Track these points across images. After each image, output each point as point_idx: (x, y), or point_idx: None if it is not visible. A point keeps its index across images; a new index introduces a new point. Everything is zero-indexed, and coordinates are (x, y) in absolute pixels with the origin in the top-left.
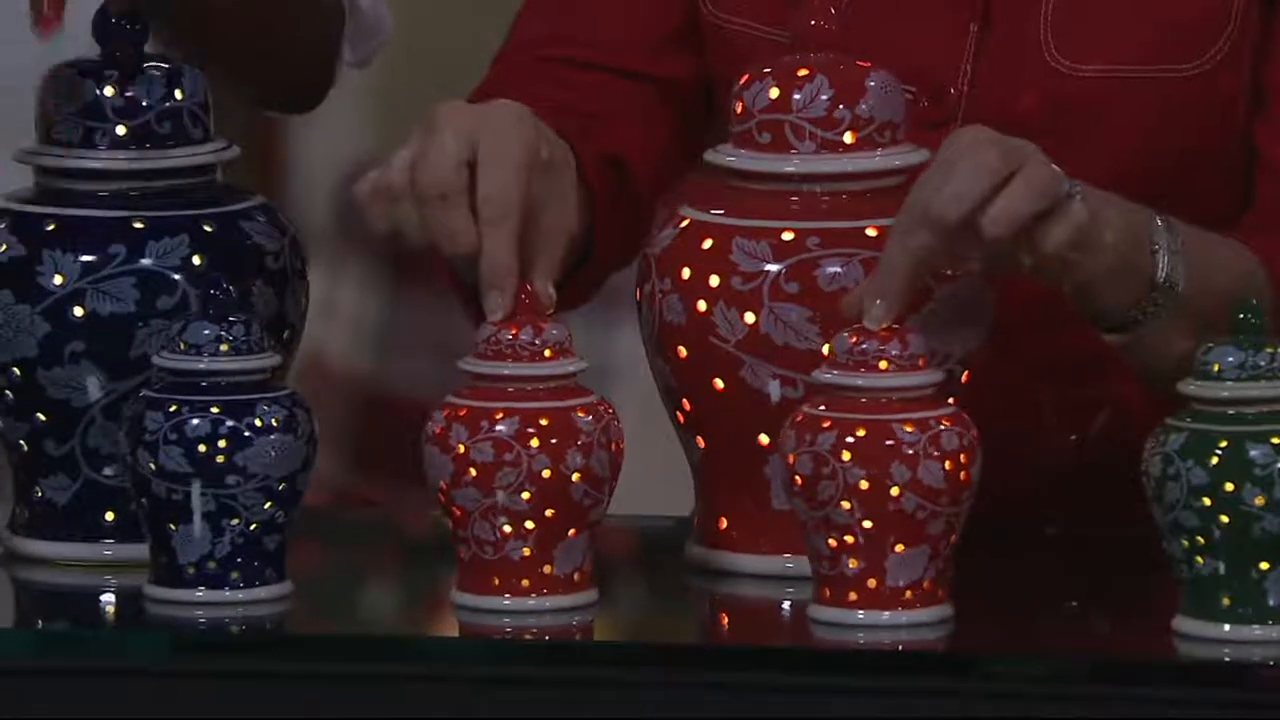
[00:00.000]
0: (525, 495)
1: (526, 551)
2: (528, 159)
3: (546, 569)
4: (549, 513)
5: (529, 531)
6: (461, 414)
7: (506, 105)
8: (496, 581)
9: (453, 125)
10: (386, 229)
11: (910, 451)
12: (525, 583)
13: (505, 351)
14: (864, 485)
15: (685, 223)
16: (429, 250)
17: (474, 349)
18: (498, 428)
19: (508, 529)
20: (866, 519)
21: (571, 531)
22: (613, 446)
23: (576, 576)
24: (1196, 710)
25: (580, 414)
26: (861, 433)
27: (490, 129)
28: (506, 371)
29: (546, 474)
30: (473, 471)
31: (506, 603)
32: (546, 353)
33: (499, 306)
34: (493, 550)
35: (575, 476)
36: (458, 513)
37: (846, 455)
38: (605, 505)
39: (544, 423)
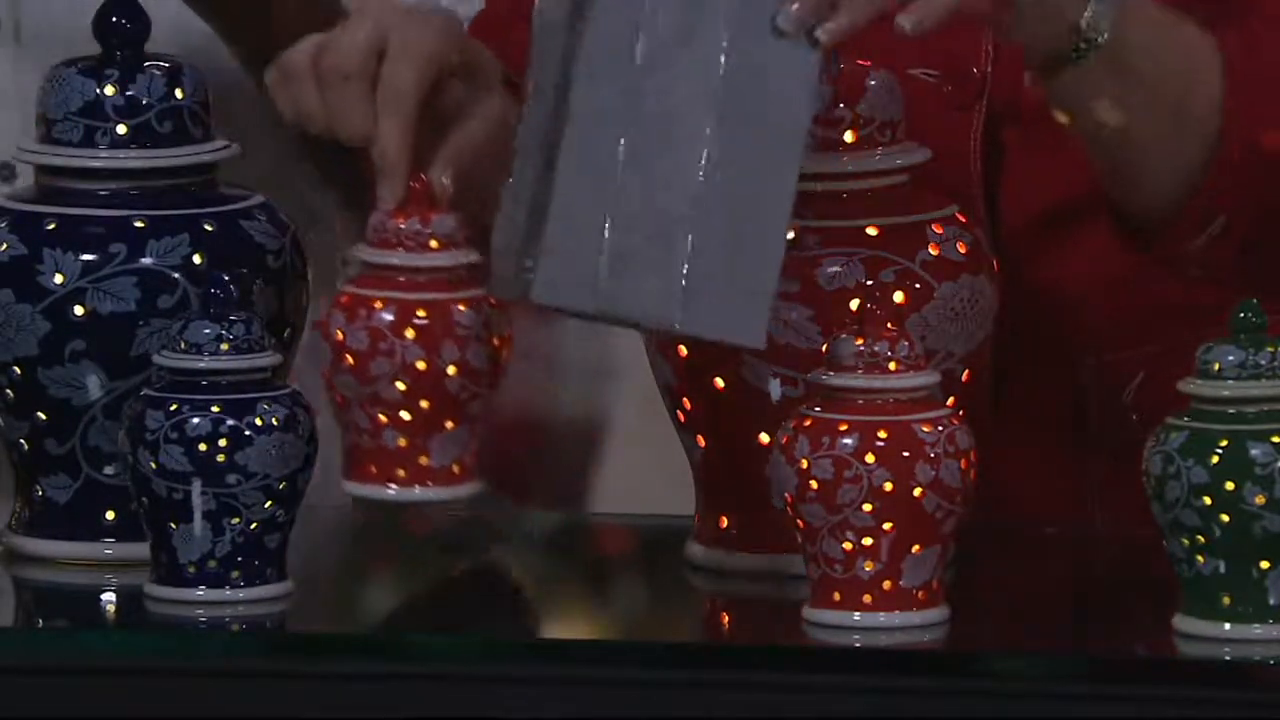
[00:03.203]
0: (400, 385)
1: (402, 441)
2: (440, 59)
3: (423, 460)
4: (424, 404)
5: (405, 422)
6: (344, 301)
7: (434, 10)
8: (374, 470)
9: (372, 16)
10: (291, 113)
11: (933, 453)
12: (402, 472)
13: (392, 240)
14: (888, 487)
15: None
16: (330, 137)
17: (366, 238)
18: (375, 317)
19: (383, 418)
20: (888, 520)
21: (449, 424)
22: (494, 340)
23: (456, 469)
24: (1196, 710)
25: (460, 307)
26: (884, 435)
27: (407, 24)
28: (395, 261)
29: (421, 365)
30: (350, 359)
31: (390, 493)
32: (433, 243)
33: (389, 195)
34: (370, 439)
35: (451, 369)
36: (339, 400)
37: (871, 458)
38: (488, 400)
39: (421, 314)
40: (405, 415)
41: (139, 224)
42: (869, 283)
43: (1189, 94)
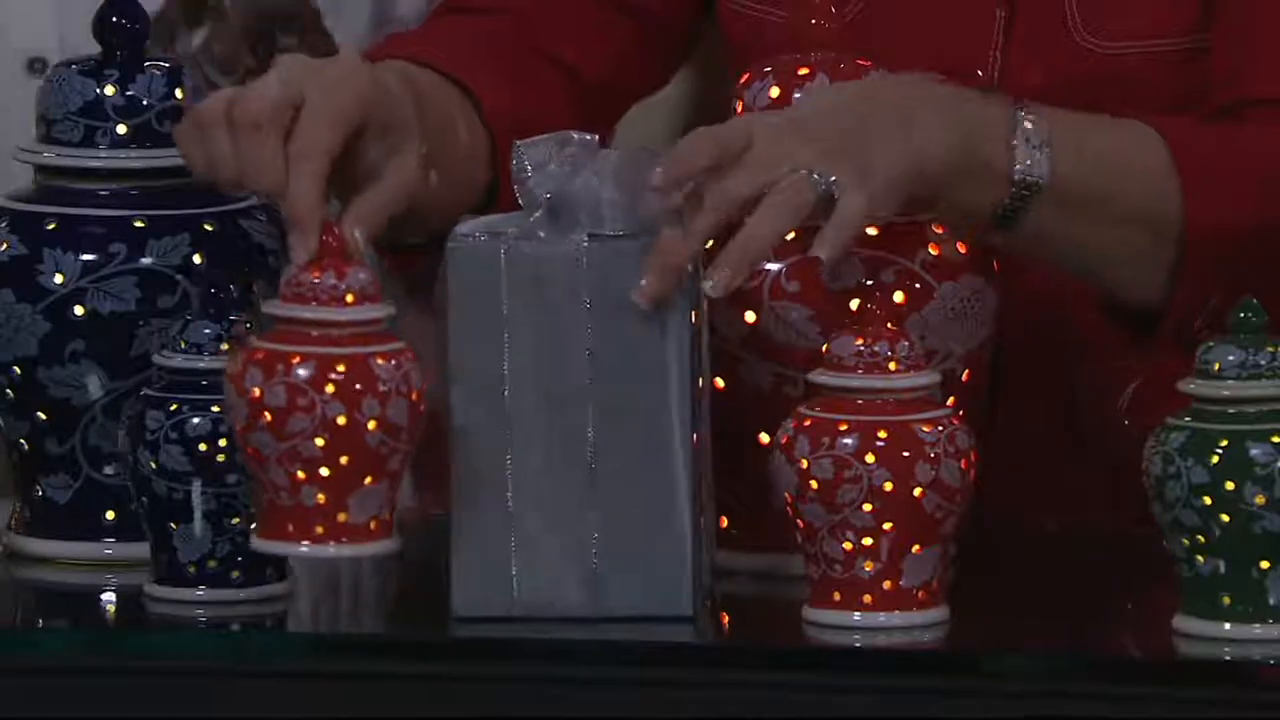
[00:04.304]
0: (319, 441)
1: (321, 498)
2: (355, 115)
3: (341, 517)
4: (344, 460)
5: (323, 478)
6: (259, 357)
7: (349, 60)
8: (291, 528)
9: (285, 71)
10: (202, 164)
11: (933, 453)
12: (320, 529)
13: (307, 295)
14: (888, 487)
15: None
16: (238, 188)
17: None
18: (293, 373)
19: (301, 475)
20: (888, 520)
21: (368, 480)
22: (413, 395)
23: (373, 525)
24: (1196, 710)
25: (379, 361)
26: (884, 435)
27: (322, 78)
28: (308, 315)
29: (341, 420)
30: (267, 416)
31: (304, 549)
32: (349, 297)
33: (301, 249)
34: (288, 496)
35: (371, 424)
36: (255, 457)
37: (871, 458)
38: (406, 455)
39: (340, 369)
40: (324, 471)
41: (139, 224)
42: (869, 283)
43: (1143, 195)
